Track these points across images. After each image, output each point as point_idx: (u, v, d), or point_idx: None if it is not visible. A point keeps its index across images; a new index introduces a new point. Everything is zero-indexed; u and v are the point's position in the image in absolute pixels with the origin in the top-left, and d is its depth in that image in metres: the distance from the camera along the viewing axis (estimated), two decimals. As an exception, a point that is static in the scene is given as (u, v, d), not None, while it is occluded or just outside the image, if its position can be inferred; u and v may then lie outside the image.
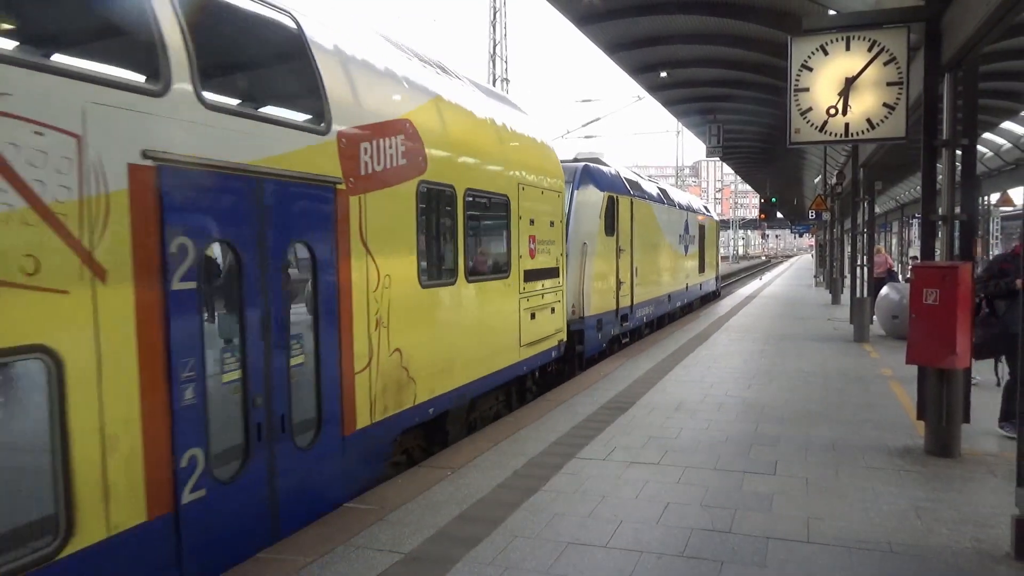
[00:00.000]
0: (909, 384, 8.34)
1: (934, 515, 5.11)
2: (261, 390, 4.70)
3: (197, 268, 4.16)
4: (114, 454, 3.67)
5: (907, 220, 40.17)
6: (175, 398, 4.01)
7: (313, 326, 5.25)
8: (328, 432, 5.37)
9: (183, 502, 4.08)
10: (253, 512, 4.67)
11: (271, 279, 4.80)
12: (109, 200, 3.63)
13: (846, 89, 7.27)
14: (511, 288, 8.71)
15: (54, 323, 3.38)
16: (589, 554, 4.54)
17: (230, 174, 4.47)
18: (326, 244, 5.33)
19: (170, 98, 3.99)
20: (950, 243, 6.85)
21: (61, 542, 3.39)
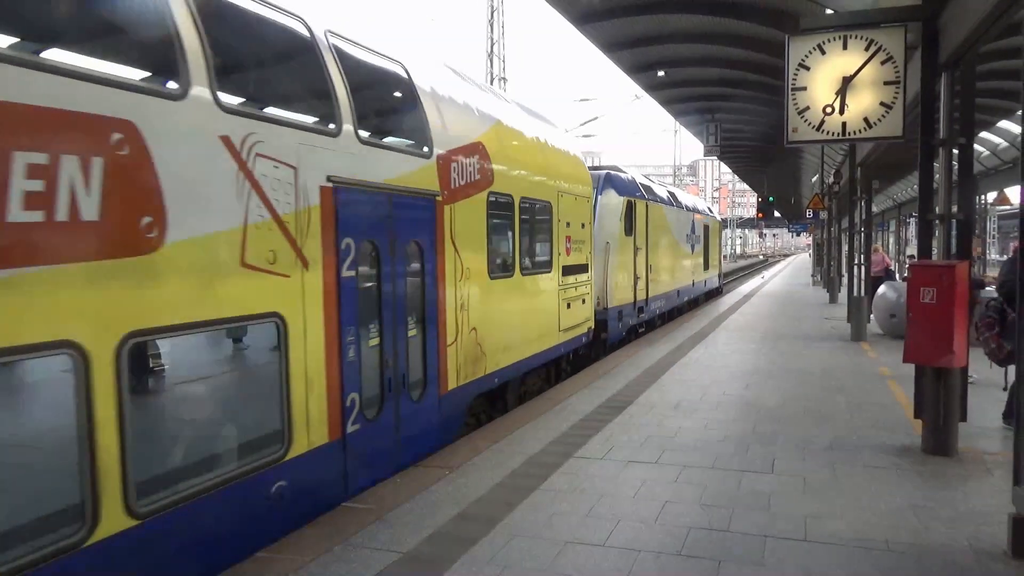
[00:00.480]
0: (906, 383, 8.35)
1: (931, 514, 5.12)
2: (391, 354, 6.18)
3: (356, 260, 5.60)
4: (312, 392, 5.10)
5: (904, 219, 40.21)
6: (343, 354, 5.43)
7: (420, 307, 6.74)
8: (430, 391, 6.86)
9: (348, 432, 5.55)
10: (385, 445, 6.11)
11: (397, 269, 6.29)
12: (310, 212, 5.08)
13: (843, 88, 7.29)
14: (552, 281, 10.21)
15: (283, 297, 4.85)
16: (587, 553, 4.54)
17: (373, 191, 5.94)
18: (430, 243, 6.83)
19: (341, 137, 5.51)
20: (947, 242, 6.87)
21: (284, 451, 4.87)
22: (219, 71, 4.35)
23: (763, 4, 13.82)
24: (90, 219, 3.57)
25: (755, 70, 18.15)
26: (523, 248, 9.14)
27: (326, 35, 5.61)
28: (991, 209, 38.23)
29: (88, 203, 3.54)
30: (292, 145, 4.95)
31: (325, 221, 5.25)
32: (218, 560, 4.35)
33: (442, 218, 7.02)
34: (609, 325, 13.70)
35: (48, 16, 4.21)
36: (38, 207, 3.31)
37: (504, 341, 8.47)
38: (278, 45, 5.54)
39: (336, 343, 5.37)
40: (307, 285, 5.07)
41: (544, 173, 9.86)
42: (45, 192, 3.34)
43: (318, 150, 5.23)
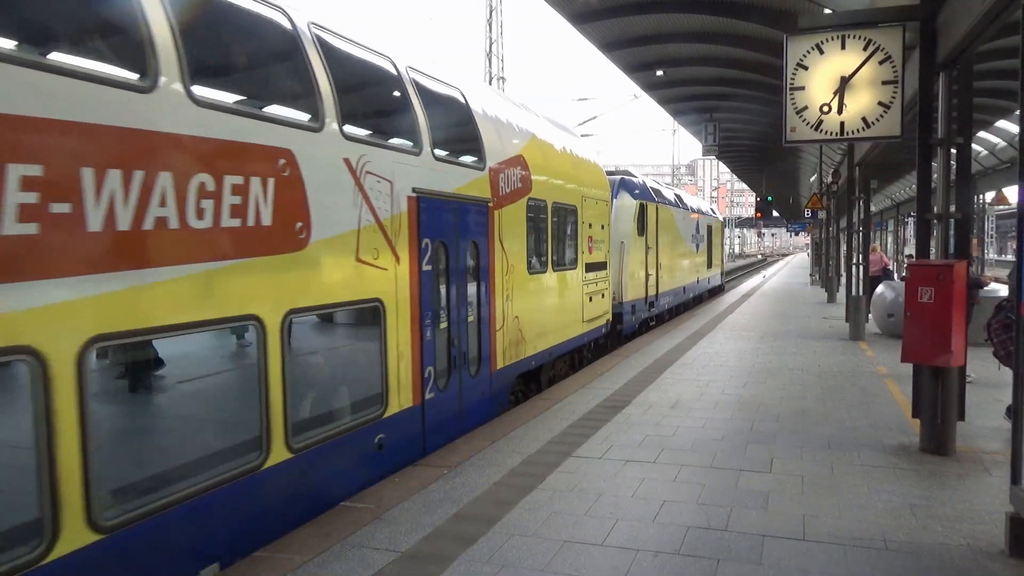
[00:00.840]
0: (904, 382, 8.36)
1: (929, 512, 5.13)
2: (456, 336, 7.39)
3: (431, 257, 6.81)
4: (402, 364, 6.36)
5: (903, 218, 40.27)
6: (423, 334, 6.65)
7: (476, 296, 7.90)
8: (484, 368, 8.07)
9: (426, 398, 6.76)
10: (451, 413, 7.29)
11: (460, 265, 7.47)
12: (401, 216, 6.28)
13: (841, 88, 7.29)
14: (577, 277, 11.36)
15: (382, 286, 6.05)
16: (585, 552, 4.55)
17: (444, 199, 7.10)
18: (484, 243, 8.01)
19: (422, 156, 6.72)
20: (945, 241, 6.87)
21: (383, 410, 6.10)
22: (342, 108, 5.53)
23: (762, 4, 13.82)
24: (266, 224, 4.73)
25: (754, 69, 18.15)
26: (554, 247, 10.30)
27: (407, 71, 6.84)
28: (989, 209, 38.26)
29: (265, 212, 4.71)
30: (389, 163, 6.17)
31: (410, 224, 6.48)
32: (347, 487, 5.63)
33: (493, 221, 8.22)
34: (624, 318, 14.92)
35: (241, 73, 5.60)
36: (237, 216, 4.48)
37: (539, 329, 9.67)
38: (378, 83, 6.81)
39: (418, 325, 6.61)
40: (398, 276, 6.30)
41: (571, 180, 11.00)
42: (241, 205, 4.51)
43: (406, 167, 6.45)
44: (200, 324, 4.34)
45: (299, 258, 5.07)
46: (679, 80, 20.65)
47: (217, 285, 4.40)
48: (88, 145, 3.63)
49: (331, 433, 5.49)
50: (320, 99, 5.36)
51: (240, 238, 4.52)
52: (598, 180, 12.51)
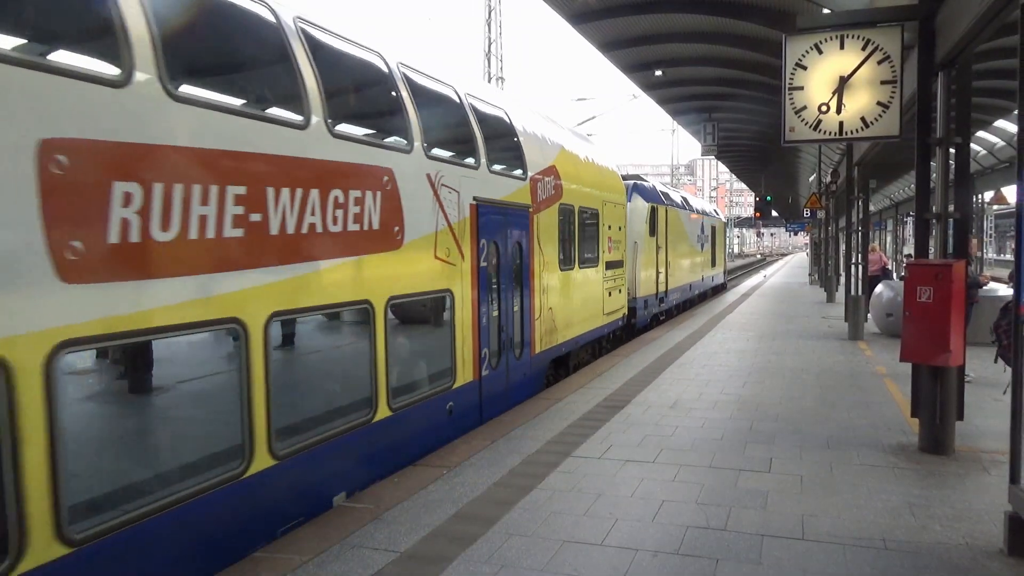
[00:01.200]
0: (903, 382, 8.36)
1: (928, 512, 5.13)
2: (504, 323, 8.61)
3: (487, 255, 8.04)
4: (465, 344, 7.54)
5: (902, 218, 40.29)
6: (480, 320, 7.88)
7: (519, 289, 9.10)
8: (526, 352, 9.29)
9: (483, 375, 8.03)
10: (500, 389, 8.54)
11: (507, 262, 8.68)
12: (465, 221, 7.47)
13: (840, 88, 7.29)
14: (599, 274, 12.60)
15: (452, 279, 7.23)
16: (585, 552, 4.55)
17: (496, 206, 8.32)
18: (525, 243, 9.19)
19: (480, 170, 7.99)
20: (944, 241, 6.87)
21: (452, 383, 7.31)
22: (424, 132, 6.73)
23: (760, 3, 13.83)
24: (375, 228, 5.92)
25: (753, 69, 18.16)
26: (580, 247, 11.47)
27: (467, 97, 8.05)
28: (988, 208, 38.29)
29: (375, 218, 5.90)
30: (458, 177, 7.39)
31: (472, 227, 7.67)
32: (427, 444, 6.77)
33: (532, 224, 9.40)
34: (637, 312, 16.26)
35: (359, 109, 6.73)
36: (357, 222, 5.67)
37: (568, 319, 10.91)
38: (447, 110, 7.79)
39: (476, 313, 7.83)
40: (463, 271, 7.51)
41: (593, 186, 12.16)
42: (360, 212, 5.69)
43: (469, 179, 7.66)
44: (332, 306, 5.65)
45: (396, 255, 6.31)
46: (678, 80, 20.66)
47: (343, 276, 5.63)
48: (268, 169, 4.82)
49: (418, 398, 6.79)
50: (410, 126, 6.63)
51: (358, 239, 5.76)
52: (616, 185, 13.78)
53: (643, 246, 16.75)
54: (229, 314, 4.51)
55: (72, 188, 3.53)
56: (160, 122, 4.04)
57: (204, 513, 4.28)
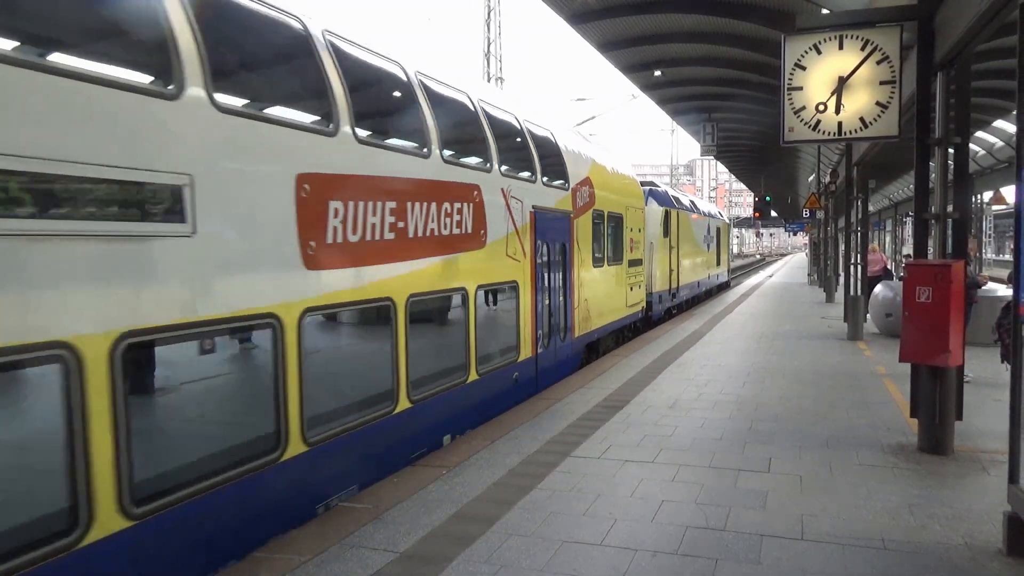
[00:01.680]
0: (902, 382, 8.36)
1: (927, 512, 5.13)
2: (553, 310, 10.26)
3: (541, 253, 9.57)
4: (526, 326, 9.18)
5: (901, 218, 40.29)
6: (537, 307, 9.49)
7: (563, 283, 10.66)
8: (568, 335, 10.92)
9: (538, 352, 9.67)
10: (551, 364, 10.18)
11: (555, 259, 10.25)
12: (527, 226, 9.04)
13: (839, 88, 7.29)
14: (622, 271, 14.12)
15: (517, 273, 8.77)
16: (584, 552, 4.55)
17: (548, 212, 9.92)
18: (568, 244, 10.79)
19: (537, 183, 9.57)
20: (943, 241, 6.87)
21: (517, 356, 8.97)
22: (499, 154, 8.48)
23: (760, 4, 13.83)
24: (468, 232, 7.59)
25: (752, 70, 18.16)
26: (608, 247, 13.08)
27: (525, 123, 9.75)
28: (987, 208, 38.29)
29: (468, 224, 7.59)
30: (521, 189, 9.02)
31: (531, 231, 9.29)
32: (498, 406, 8.41)
33: (572, 228, 11.02)
34: (653, 306, 17.85)
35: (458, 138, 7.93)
36: (458, 227, 7.35)
37: (599, 309, 12.48)
38: (512, 134, 9.39)
39: (534, 300, 9.52)
40: (525, 267, 9.18)
41: (618, 193, 13.76)
42: (459, 219, 7.40)
43: (529, 191, 9.32)
44: (443, 291, 7.34)
45: (481, 253, 8.00)
46: (677, 80, 20.66)
47: (450, 268, 7.32)
48: (407, 188, 6.49)
49: (495, 367, 8.47)
50: (490, 150, 8.37)
51: (458, 240, 7.43)
52: (636, 192, 15.63)
53: (658, 246, 18.18)
54: (386, 295, 6.24)
55: (310, 206, 5.18)
56: (352, 159, 5.77)
57: (373, 436, 6.11)
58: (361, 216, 5.78)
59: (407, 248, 6.47)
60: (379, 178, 6.09)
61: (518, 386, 9.05)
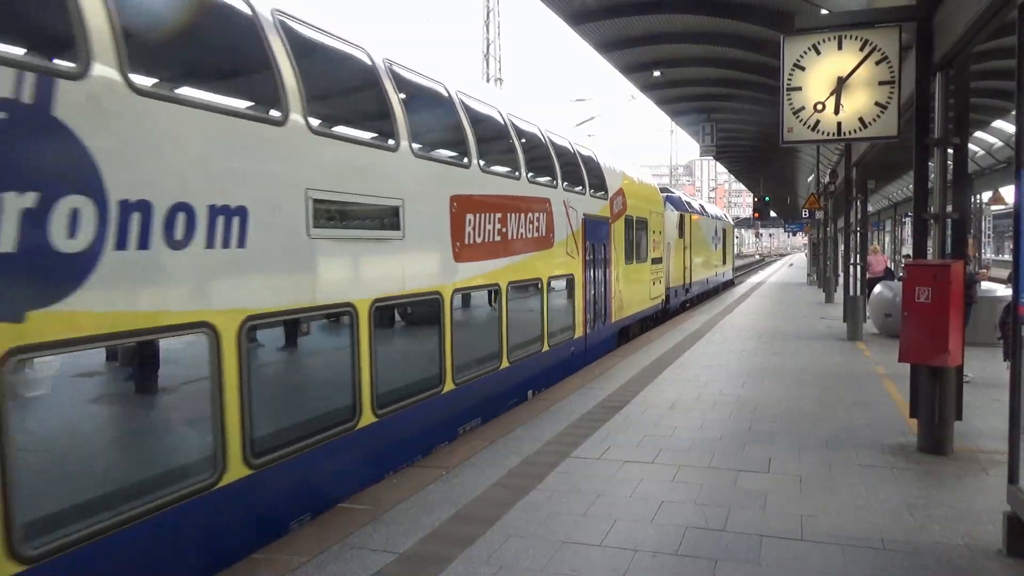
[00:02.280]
0: (902, 382, 8.36)
1: (927, 512, 5.13)
2: (597, 299, 12.43)
3: (589, 251, 11.72)
4: (578, 310, 11.58)
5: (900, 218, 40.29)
6: (587, 296, 11.88)
7: (604, 277, 12.84)
8: (607, 320, 13.20)
9: (588, 332, 12.05)
10: (596, 342, 12.43)
11: (597, 257, 12.31)
12: (579, 230, 11.40)
13: (838, 88, 7.29)
14: (646, 268, 16.54)
15: (573, 268, 11.22)
16: (584, 553, 4.54)
17: (594, 218, 12.17)
18: (607, 244, 13.02)
19: (586, 195, 11.90)
20: (942, 241, 6.87)
21: (573, 334, 11.44)
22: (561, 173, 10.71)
23: (759, 4, 13.84)
24: (542, 235, 9.66)
25: (752, 70, 18.17)
26: (636, 247, 15.38)
27: (576, 145, 12.05)
28: (986, 209, 38.32)
29: (542, 228, 9.68)
30: (576, 200, 11.27)
31: (582, 234, 11.50)
32: (561, 374, 10.58)
33: (611, 231, 13.38)
34: (671, 299, 20.07)
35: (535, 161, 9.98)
36: (536, 231, 9.50)
37: (629, 300, 14.86)
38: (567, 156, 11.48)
39: (584, 290, 11.78)
40: (578, 263, 11.37)
41: (643, 201, 16.15)
42: (537, 225, 9.55)
43: (581, 201, 11.55)
44: (527, 280, 9.50)
45: (550, 251, 10.21)
46: (677, 81, 20.67)
47: (531, 263, 9.48)
48: (507, 202, 8.72)
49: (558, 341, 10.74)
50: (556, 170, 10.64)
51: (536, 241, 9.61)
52: (657, 198, 18.10)
53: (674, 247, 20.44)
54: (495, 281, 8.53)
55: (457, 218, 7.51)
56: (477, 183, 8.04)
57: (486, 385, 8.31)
58: (483, 224, 8.15)
59: (507, 247, 8.79)
60: (492, 196, 8.41)
61: (573, 357, 11.44)
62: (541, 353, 10.01)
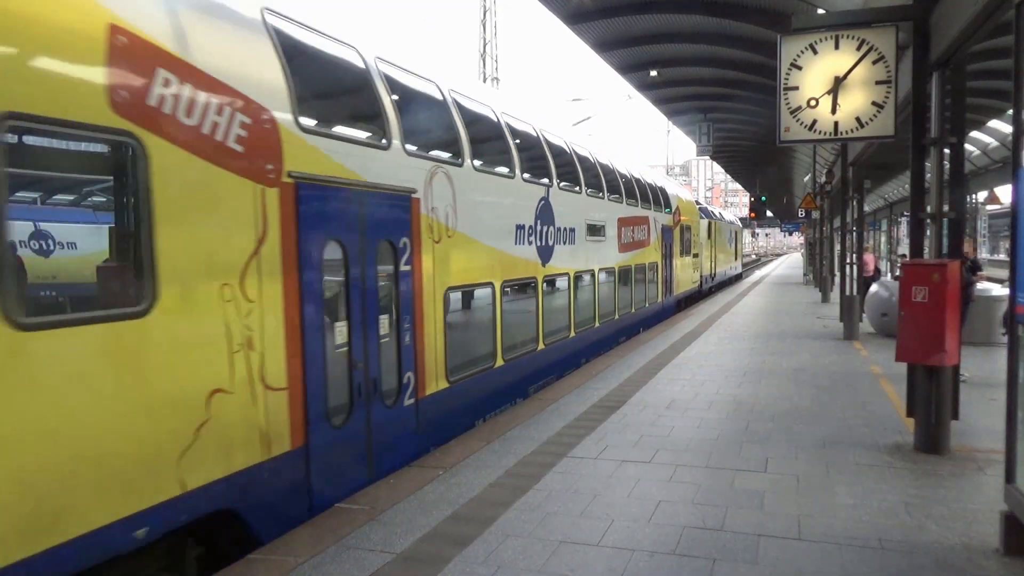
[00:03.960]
0: (899, 382, 8.38)
1: (924, 511, 5.14)
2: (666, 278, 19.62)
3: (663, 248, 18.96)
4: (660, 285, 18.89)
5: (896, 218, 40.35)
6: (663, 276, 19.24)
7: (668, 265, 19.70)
8: (672, 293, 20.25)
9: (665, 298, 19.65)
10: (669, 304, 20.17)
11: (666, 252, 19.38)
12: (659, 235, 18.53)
13: (835, 88, 7.30)
14: (690, 260, 22.95)
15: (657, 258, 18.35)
16: (581, 553, 4.54)
17: (665, 227, 19.25)
18: (672, 244, 20.07)
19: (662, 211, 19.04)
20: (939, 241, 6.88)
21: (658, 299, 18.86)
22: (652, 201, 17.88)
23: (756, 4, 13.85)
24: (644, 238, 16.72)
25: (749, 70, 18.19)
26: (685, 245, 21.95)
27: (655, 180, 18.91)
28: (982, 208, 38.40)
29: (643, 235, 16.52)
30: (660, 216, 18.42)
31: (661, 237, 18.42)
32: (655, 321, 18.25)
33: (672, 234, 19.77)
34: (703, 284, 26.64)
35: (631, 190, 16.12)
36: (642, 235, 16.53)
37: (679, 281, 21.11)
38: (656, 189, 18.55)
39: (662, 273, 18.75)
40: (659, 255, 18.23)
41: (688, 213, 22.44)
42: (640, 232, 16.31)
43: (660, 216, 18.40)
44: (642, 265, 16.42)
45: (648, 248, 16.89)
46: (673, 80, 20.70)
47: (644, 254, 16.49)
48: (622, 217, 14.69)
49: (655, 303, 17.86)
50: (649, 199, 17.35)
51: (639, 243, 16.00)
52: (695, 210, 24.59)
53: (704, 245, 27.00)
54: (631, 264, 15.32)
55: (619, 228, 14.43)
56: (626, 209, 14.92)
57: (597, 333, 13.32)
58: (626, 231, 14.80)
59: (635, 245, 15.54)
60: (629, 216, 15.07)
61: (662, 310, 18.96)
62: (644, 308, 16.95)
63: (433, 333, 7.10)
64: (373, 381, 6.05)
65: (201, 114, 4.38)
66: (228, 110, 4.59)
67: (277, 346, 4.92)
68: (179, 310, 4.19)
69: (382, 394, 6.21)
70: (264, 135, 4.91)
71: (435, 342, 7.14)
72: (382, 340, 6.23)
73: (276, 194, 4.93)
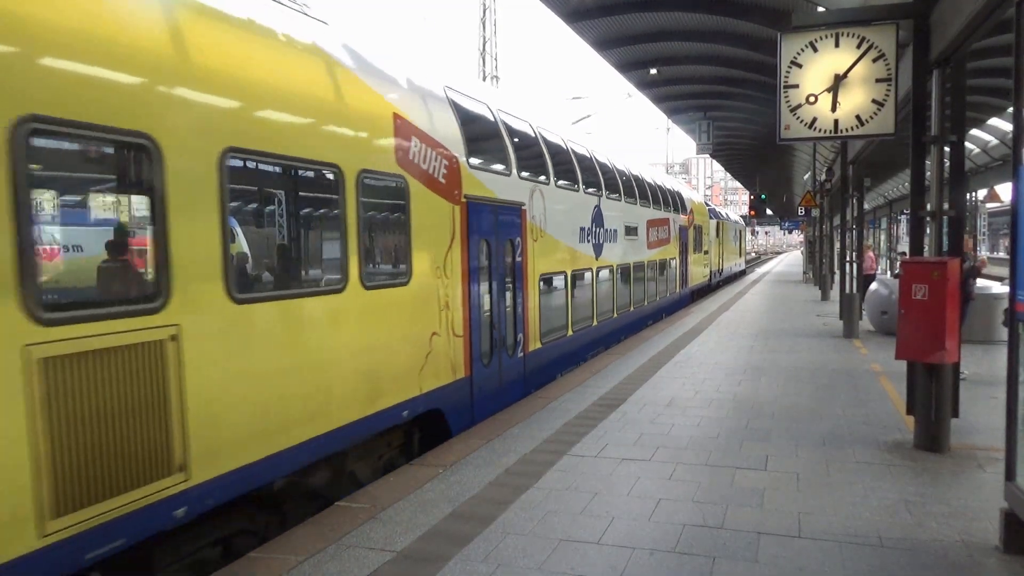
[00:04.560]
0: (898, 380, 8.38)
1: (924, 509, 5.14)
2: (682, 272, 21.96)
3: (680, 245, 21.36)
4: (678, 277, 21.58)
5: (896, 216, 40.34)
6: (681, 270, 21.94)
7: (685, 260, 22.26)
8: (688, 284, 22.95)
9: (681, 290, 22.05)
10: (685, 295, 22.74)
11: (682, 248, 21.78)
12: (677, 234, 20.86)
13: (835, 85, 7.29)
14: (701, 256, 25.54)
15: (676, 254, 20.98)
16: (581, 551, 4.54)
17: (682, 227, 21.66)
18: (687, 242, 22.37)
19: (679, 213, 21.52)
20: (939, 239, 6.88)
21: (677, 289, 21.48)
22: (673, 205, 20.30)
23: (757, 3, 13.84)
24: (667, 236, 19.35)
25: (749, 68, 18.18)
26: (698, 242, 24.02)
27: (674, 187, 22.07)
28: (982, 206, 38.39)
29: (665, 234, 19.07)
30: (677, 218, 20.63)
31: (678, 235, 20.71)
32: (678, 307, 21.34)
33: (687, 233, 22.27)
34: (712, 278, 29.15)
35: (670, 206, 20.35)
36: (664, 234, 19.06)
37: (694, 275, 23.61)
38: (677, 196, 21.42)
39: (680, 267, 21.21)
40: (677, 251, 20.68)
41: (699, 214, 24.47)
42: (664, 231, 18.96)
43: (677, 218, 20.57)
44: (666, 260, 19.11)
45: (669, 245, 19.44)
46: (673, 79, 20.70)
47: (667, 251, 19.09)
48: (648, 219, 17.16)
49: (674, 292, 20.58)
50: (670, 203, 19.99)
51: (664, 240, 18.71)
52: (705, 211, 27.07)
53: (713, 243, 29.27)
54: (654, 259, 17.51)
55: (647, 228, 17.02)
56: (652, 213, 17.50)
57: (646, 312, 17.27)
58: (650, 231, 17.02)
59: (660, 243, 17.88)
60: (654, 218, 17.44)
61: (679, 299, 21.07)
62: (667, 296, 19.24)
63: (533, 307, 9.79)
64: (503, 338, 8.75)
65: (429, 160, 7.03)
66: (439, 156, 7.22)
67: (458, 308, 7.62)
68: (422, 283, 6.93)
69: (508, 347, 8.92)
70: (454, 170, 7.49)
71: (534, 314, 9.87)
72: (506, 309, 8.90)
73: (459, 209, 7.60)
